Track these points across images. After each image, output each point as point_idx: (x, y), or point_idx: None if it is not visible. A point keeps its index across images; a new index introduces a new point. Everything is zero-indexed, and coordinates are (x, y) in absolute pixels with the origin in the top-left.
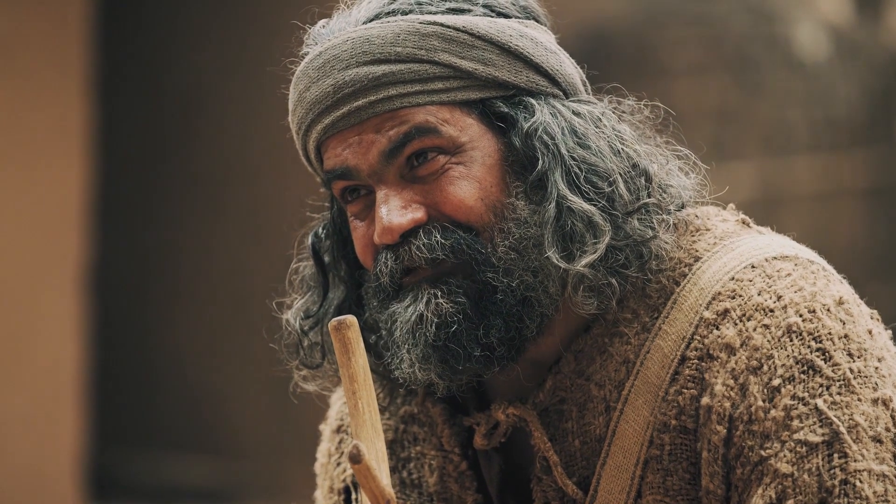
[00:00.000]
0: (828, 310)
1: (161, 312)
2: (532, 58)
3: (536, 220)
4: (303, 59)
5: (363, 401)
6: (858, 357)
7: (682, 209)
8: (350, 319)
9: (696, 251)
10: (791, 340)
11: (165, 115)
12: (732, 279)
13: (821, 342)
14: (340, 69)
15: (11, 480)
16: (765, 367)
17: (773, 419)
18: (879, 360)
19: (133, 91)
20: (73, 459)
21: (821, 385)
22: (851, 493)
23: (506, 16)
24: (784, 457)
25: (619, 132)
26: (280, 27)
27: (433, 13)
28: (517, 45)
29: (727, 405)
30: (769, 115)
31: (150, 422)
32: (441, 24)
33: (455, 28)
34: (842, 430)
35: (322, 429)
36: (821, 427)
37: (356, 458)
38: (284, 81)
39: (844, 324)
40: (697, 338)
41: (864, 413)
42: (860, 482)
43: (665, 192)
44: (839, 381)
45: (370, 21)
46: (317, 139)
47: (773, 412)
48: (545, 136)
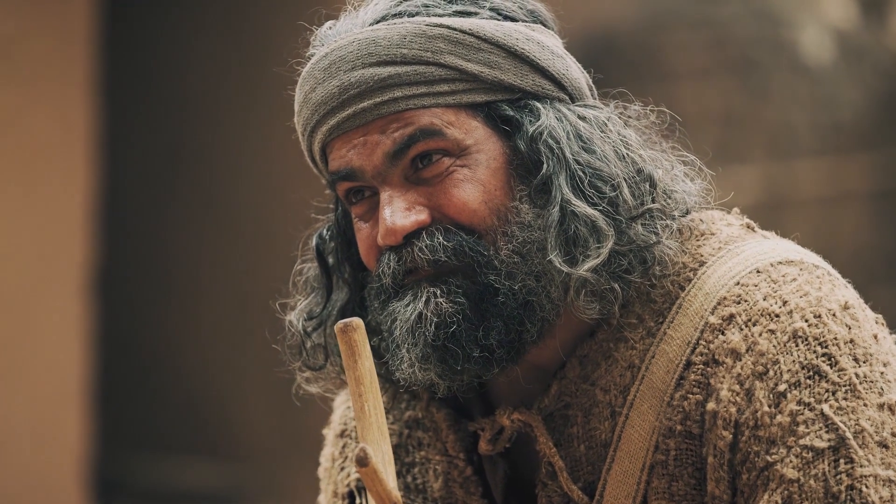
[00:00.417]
0: (833, 315)
1: (165, 316)
2: (538, 61)
3: (540, 224)
4: (309, 61)
5: (369, 403)
6: (864, 362)
7: (687, 215)
8: (356, 322)
9: (701, 256)
10: (797, 345)
11: (169, 119)
12: (738, 284)
13: (826, 347)
14: (346, 70)
15: (16, 484)
16: (770, 373)
17: (779, 424)
18: (885, 365)
19: (137, 95)
20: (78, 463)
21: (826, 390)
22: (858, 499)
23: (513, 19)
24: (790, 462)
25: (625, 137)
26: (284, 30)
27: (440, 16)
28: (523, 49)
29: (733, 410)
30: (774, 119)
31: (155, 425)
32: (447, 27)
33: (461, 31)
34: (848, 436)
35: (326, 433)
36: (827, 432)
37: (363, 461)
38: (290, 83)
39: (850, 328)
40: (703, 343)
41: (870, 418)
42: (866, 487)
43: (669, 198)
44: (845, 387)
45: (377, 23)
46: (322, 140)
47: (779, 417)
48: (550, 140)
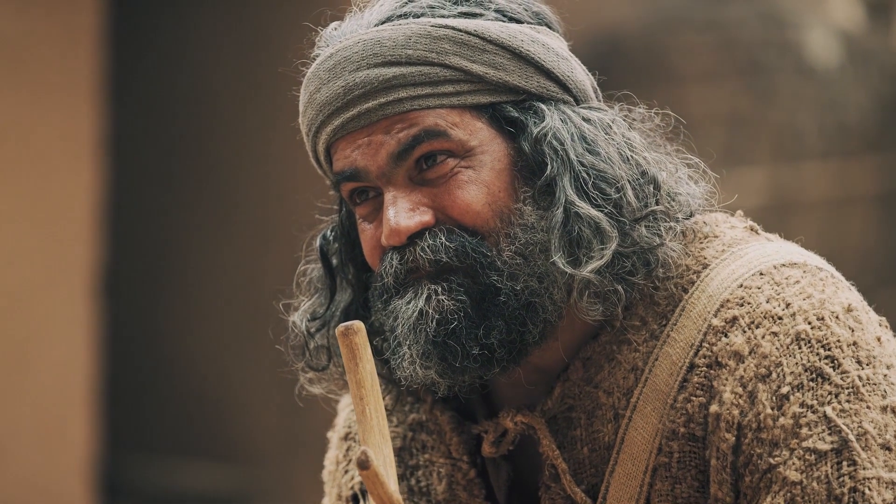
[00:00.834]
0: (836, 317)
1: (172, 318)
2: (543, 63)
3: (543, 226)
4: (314, 61)
5: (370, 406)
6: (867, 364)
7: (691, 217)
8: (357, 325)
9: (705, 258)
10: (800, 348)
11: (175, 121)
12: (741, 286)
13: (829, 350)
14: (351, 71)
15: (23, 486)
16: (773, 375)
17: (782, 427)
18: (888, 368)
19: (144, 98)
20: (84, 465)
21: (829, 393)
22: (861, 501)
23: (518, 21)
24: (793, 464)
25: (629, 139)
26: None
27: (445, 17)
28: (528, 50)
29: (736, 413)
30: (780, 121)
31: (160, 427)
32: (452, 28)
33: (466, 32)
34: (851, 438)
35: (330, 436)
36: (830, 435)
37: (364, 464)
38: (295, 84)
39: (853, 331)
40: (706, 345)
41: (873, 421)
42: (869, 490)
43: (673, 200)
44: (848, 389)
45: (382, 23)
46: (326, 141)
47: (782, 420)
48: (554, 142)
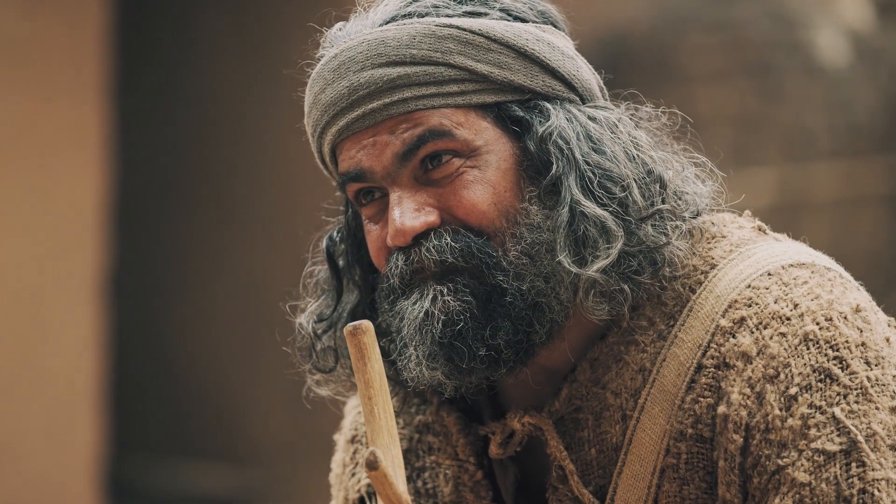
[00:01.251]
0: (845, 318)
1: (178, 320)
2: (548, 62)
3: (549, 225)
4: (319, 62)
5: (379, 406)
6: (876, 365)
7: (697, 216)
8: (366, 325)
9: (712, 258)
10: (808, 349)
11: (182, 121)
12: (749, 287)
13: (838, 350)
14: (355, 71)
15: (30, 489)
16: (781, 376)
17: (790, 428)
18: None
19: (150, 98)
20: (91, 466)
21: (838, 394)
22: (870, 502)
23: (523, 20)
24: (801, 466)
25: (635, 138)
26: (295, 32)
27: (449, 16)
28: (533, 50)
29: (744, 414)
30: (790, 122)
31: (167, 429)
32: (457, 27)
33: (471, 31)
34: (859, 439)
35: (336, 438)
36: (838, 436)
37: (373, 465)
38: (301, 85)
39: (861, 332)
40: (714, 346)
41: (882, 422)
42: (878, 491)
43: (680, 199)
44: (856, 390)
45: (386, 23)
46: (331, 141)
47: (790, 421)
48: (560, 141)
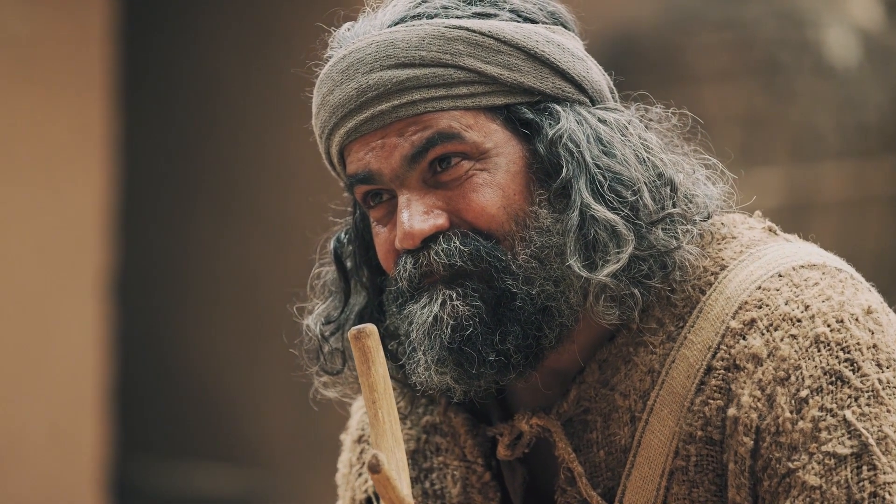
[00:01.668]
0: (856, 319)
1: (183, 320)
2: (558, 64)
3: (559, 229)
4: (327, 63)
5: (383, 410)
6: (887, 367)
7: (708, 219)
8: (370, 328)
9: (723, 259)
10: (819, 351)
11: (187, 121)
12: (759, 288)
13: (849, 352)
14: (364, 73)
15: (34, 489)
16: (792, 378)
17: (801, 431)
18: None
19: (155, 98)
20: (95, 467)
21: (849, 396)
22: None
23: (533, 21)
24: (812, 469)
25: (646, 141)
26: (299, 32)
27: (459, 17)
28: (543, 51)
29: (754, 416)
30: (798, 121)
31: (172, 430)
32: (466, 29)
33: (481, 33)
34: (871, 442)
35: (343, 439)
36: (849, 439)
37: (375, 468)
38: (308, 85)
39: (873, 333)
40: (724, 348)
41: (893, 424)
42: (889, 495)
43: (690, 202)
44: (868, 392)
45: (395, 25)
46: (340, 143)
47: (801, 424)
48: (570, 144)
